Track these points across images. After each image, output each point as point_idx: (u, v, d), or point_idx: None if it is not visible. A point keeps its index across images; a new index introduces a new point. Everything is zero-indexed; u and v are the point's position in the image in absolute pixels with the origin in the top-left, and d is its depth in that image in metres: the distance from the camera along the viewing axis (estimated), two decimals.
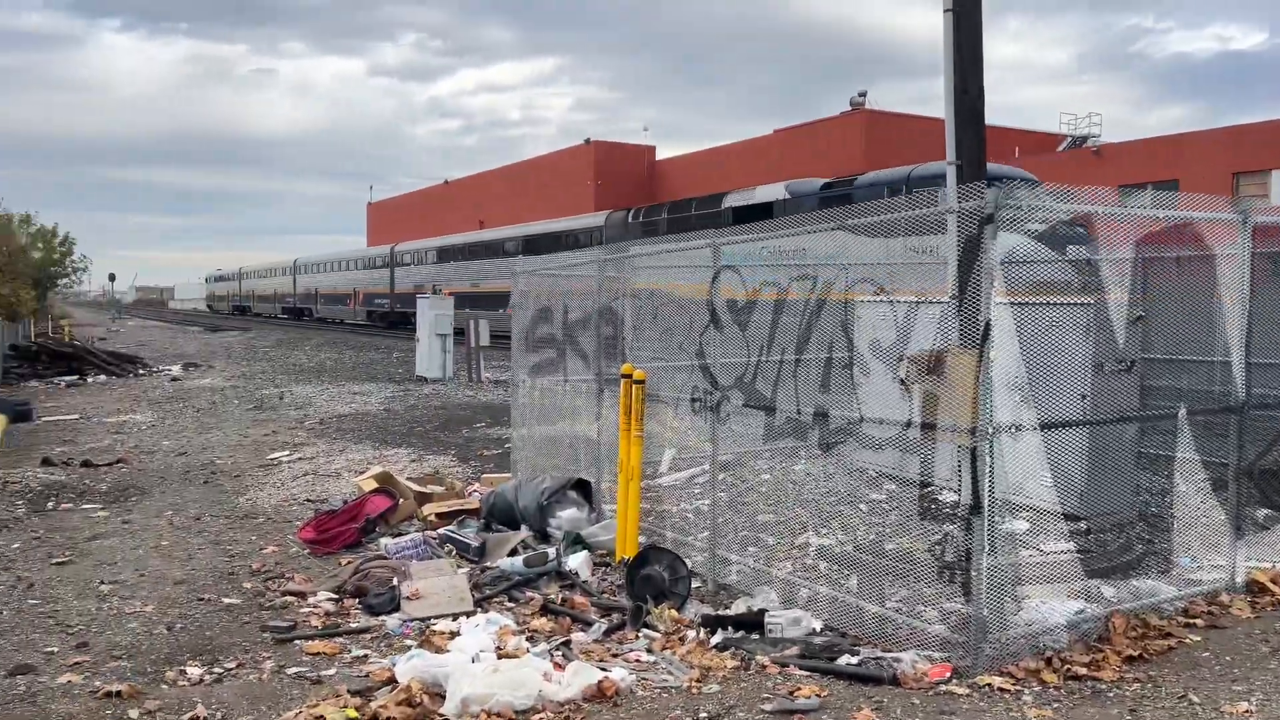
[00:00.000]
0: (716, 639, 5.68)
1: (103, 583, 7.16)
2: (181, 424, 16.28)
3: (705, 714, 4.72)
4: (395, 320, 49.92)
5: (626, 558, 6.99)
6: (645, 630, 5.90)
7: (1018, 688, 4.90)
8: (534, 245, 38.54)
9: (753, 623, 5.81)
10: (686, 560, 6.62)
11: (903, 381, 5.82)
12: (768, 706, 4.76)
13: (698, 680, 5.10)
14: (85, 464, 12.33)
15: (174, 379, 24.84)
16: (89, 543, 8.42)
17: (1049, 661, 5.13)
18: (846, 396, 6.29)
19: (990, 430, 5.00)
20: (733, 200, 28.48)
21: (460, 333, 24.08)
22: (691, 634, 5.80)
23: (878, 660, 5.22)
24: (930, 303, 6.10)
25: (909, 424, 5.67)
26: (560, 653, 5.57)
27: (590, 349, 8.92)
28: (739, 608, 6.21)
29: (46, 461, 12.34)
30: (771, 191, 27.12)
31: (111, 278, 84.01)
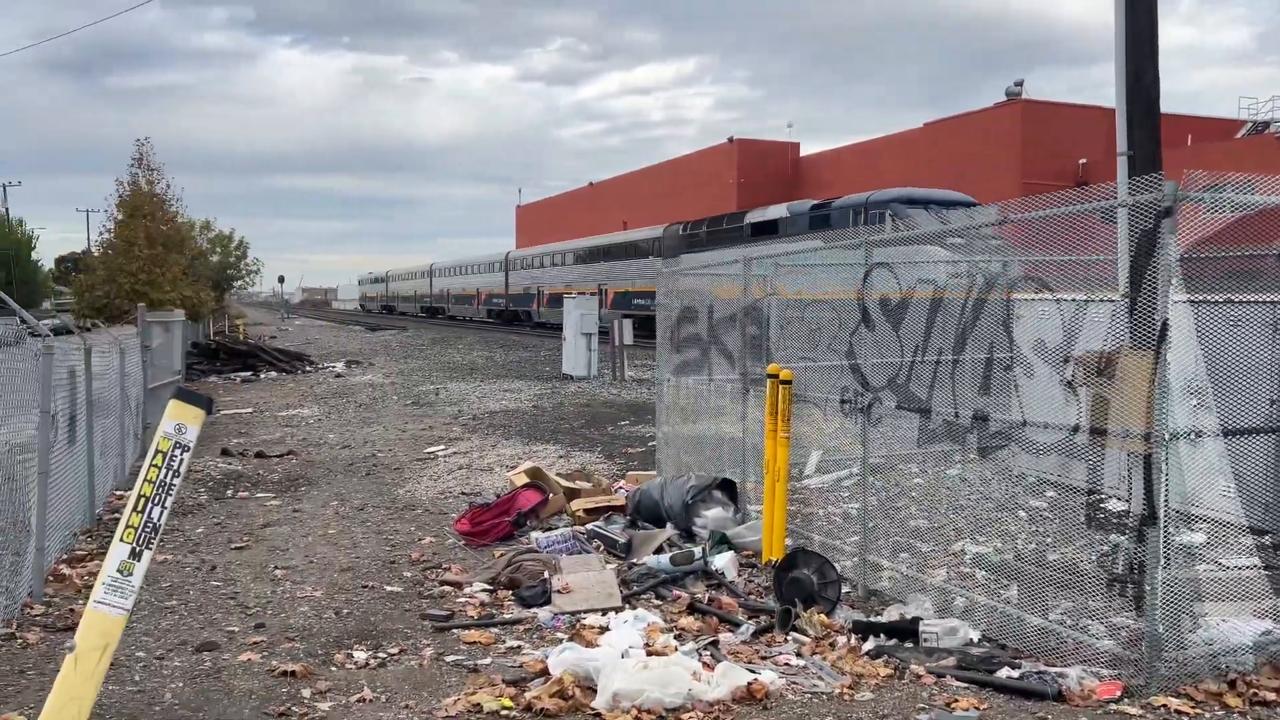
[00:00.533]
0: (868, 646, 5.57)
1: (276, 568, 7.61)
2: (345, 418, 17.14)
3: None
4: (509, 318, 57.28)
5: (773, 559, 6.94)
6: (793, 634, 5.83)
7: (1197, 711, 4.60)
8: (611, 253, 44.23)
9: (906, 631, 5.67)
10: (835, 564, 6.51)
11: (1069, 384, 5.54)
12: (923, 717, 4.63)
13: (850, 687, 5.01)
14: (259, 455, 13.16)
15: (338, 375, 26.20)
16: (263, 529, 8.97)
17: (1233, 684, 4.80)
18: (1006, 399, 6.03)
19: (1167, 436, 4.71)
20: (752, 217, 34.28)
21: (605, 332, 24.53)
22: (842, 640, 5.70)
23: (1040, 675, 5.00)
24: (1100, 301, 5.78)
25: (1076, 429, 5.39)
26: (708, 652, 5.58)
27: (735, 348, 8.87)
28: (891, 615, 6.06)
29: (225, 452, 13.26)
30: (777, 211, 33.13)
31: (281, 280, 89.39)
